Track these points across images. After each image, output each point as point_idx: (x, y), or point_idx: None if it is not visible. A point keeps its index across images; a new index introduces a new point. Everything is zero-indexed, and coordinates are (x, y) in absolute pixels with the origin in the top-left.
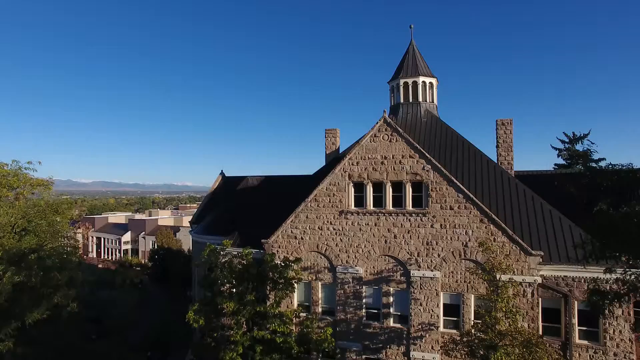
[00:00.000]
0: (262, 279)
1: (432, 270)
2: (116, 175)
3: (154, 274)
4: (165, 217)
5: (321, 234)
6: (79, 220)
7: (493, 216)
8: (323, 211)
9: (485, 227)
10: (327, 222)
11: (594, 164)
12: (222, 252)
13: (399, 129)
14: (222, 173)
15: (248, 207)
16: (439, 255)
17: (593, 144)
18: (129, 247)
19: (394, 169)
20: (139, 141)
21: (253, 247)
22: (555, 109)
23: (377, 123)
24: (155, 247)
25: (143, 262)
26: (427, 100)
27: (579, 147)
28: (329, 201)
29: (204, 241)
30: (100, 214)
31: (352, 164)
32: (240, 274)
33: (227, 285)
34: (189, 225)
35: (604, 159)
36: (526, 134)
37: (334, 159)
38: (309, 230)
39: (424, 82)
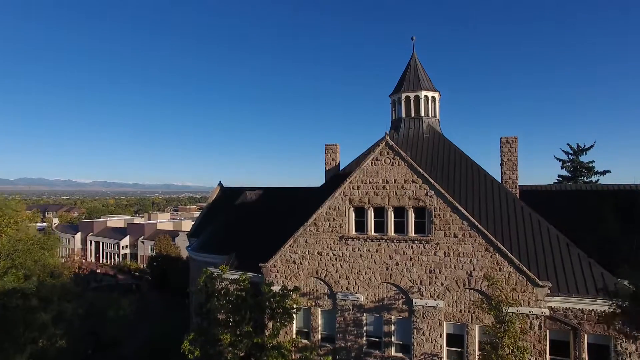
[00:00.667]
0: (260, 308)
1: (435, 299)
2: (116, 175)
3: (153, 281)
4: (164, 221)
5: (321, 259)
6: (77, 224)
7: (499, 245)
8: (323, 236)
9: (491, 257)
10: (327, 247)
11: (599, 177)
12: (218, 279)
13: (402, 152)
14: (220, 184)
15: (246, 225)
16: (442, 284)
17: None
18: (127, 251)
19: (396, 194)
20: (139, 141)
21: (251, 269)
22: (560, 120)
23: (378, 146)
24: (154, 253)
25: (142, 266)
26: (430, 115)
27: (583, 158)
28: (329, 226)
29: (200, 259)
30: (99, 218)
31: (353, 188)
32: (236, 304)
33: (224, 315)
34: (188, 230)
35: (609, 171)
36: (530, 144)
37: (334, 176)
38: (308, 255)
39: (426, 96)
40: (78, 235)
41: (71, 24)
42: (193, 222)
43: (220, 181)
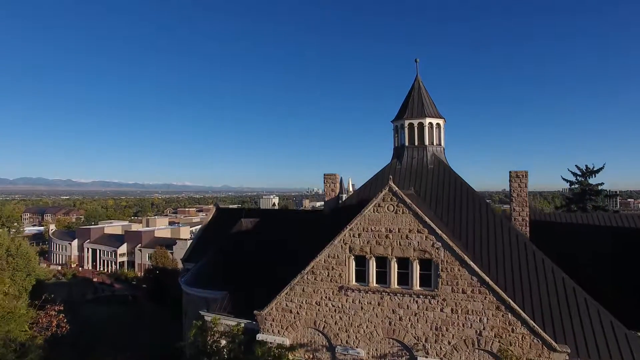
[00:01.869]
0: None
1: (441, 359)
2: (116, 175)
3: (149, 293)
4: (162, 228)
5: (319, 310)
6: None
7: (511, 304)
8: (321, 285)
9: (503, 316)
10: (326, 297)
11: (608, 200)
12: (210, 332)
13: (406, 199)
14: (216, 205)
15: (240, 259)
16: (449, 343)
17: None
18: (125, 259)
19: (400, 244)
20: (138, 141)
21: (245, 313)
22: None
23: (381, 192)
24: (151, 265)
25: (139, 274)
26: (434, 143)
27: (592, 180)
28: (328, 275)
29: (193, 293)
30: (97, 224)
31: (353, 236)
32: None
33: None
34: (186, 237)
35: (618, 194)
36: (536, 146)
37: (335, 210)
38: (305, 305)
39: (430, 123)
40: (75, 242)
41: (70, 23)
42: (191, 229)
43: (216, 203)
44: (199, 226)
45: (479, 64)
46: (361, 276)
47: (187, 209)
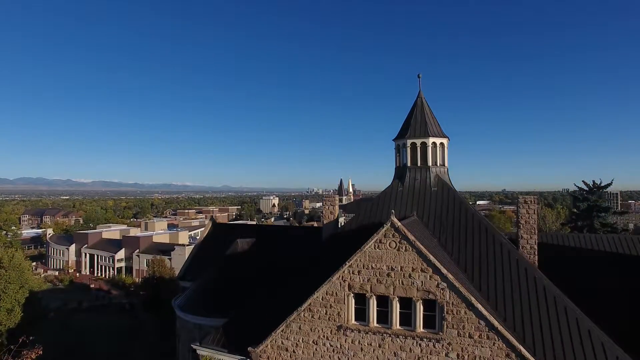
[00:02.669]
0: None
1: None
2: (116, 175)
3: (147, 302)
4: (160, 233)
5: (316, 349)
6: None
7: (522, 351)
8: (318, 323)
9: None
10: (323, 336)
11: (617, 217)
12: None
13: (409, 235)
14: (212, 219)
15: (236, 284)
16: None
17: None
18: (122, 264)
19: (402, 283)
20: (139, 141)
21: (238, 347)
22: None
23: (383, 227)
24: (148, 271)
25: (137, 280)
26: (438, 164)
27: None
28: (325, 313)
29: (187, 319)
30: (95, 228)
31: (353, 273)
32: None
33: None
34: (184, 243)
35: (626, 211)
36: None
37: (333, 235)
38: (302, 344)
39: (434, 143)
40: (72, 247)
41: (70, 22)
42: (190, 233)
43: (212, 216)
44: (198, 230)
45: (482, 69)
46: (361, 315)
47: (186, 211)
